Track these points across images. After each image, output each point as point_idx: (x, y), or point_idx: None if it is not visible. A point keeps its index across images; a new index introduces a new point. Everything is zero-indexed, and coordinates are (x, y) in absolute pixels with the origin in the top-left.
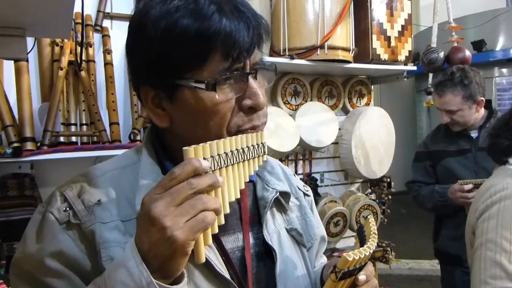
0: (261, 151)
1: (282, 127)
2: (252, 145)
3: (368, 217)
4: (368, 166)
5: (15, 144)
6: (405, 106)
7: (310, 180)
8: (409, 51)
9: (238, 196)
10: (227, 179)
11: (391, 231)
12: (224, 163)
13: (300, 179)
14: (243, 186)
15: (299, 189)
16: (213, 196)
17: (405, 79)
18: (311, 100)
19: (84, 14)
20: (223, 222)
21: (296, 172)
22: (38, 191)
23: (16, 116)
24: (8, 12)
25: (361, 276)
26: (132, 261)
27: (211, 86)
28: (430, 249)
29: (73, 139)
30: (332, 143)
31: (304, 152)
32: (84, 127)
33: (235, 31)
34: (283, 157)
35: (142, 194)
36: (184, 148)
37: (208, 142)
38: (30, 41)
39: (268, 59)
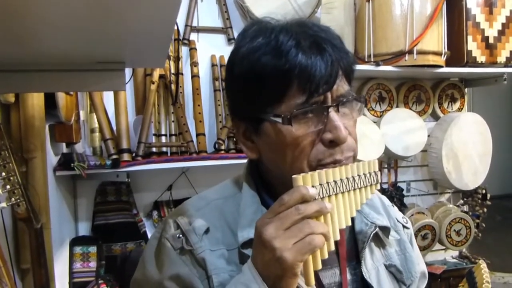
0: (373, 180)
1: (365, 135)
2: (363, 174)
3: (480, 262)
4: (460, 177)
5: (114, 156)
6: (504, 111)
7: (395, 190)
8: (511, 52)
9: (350, 224)
10: (337, 206)
11: (484, 240)
12: (333, 190)
13: (385, 188)
14: (354, 214)
15: (398, 221)
16: (322, 221)
17: (505, 81)
18: (397, 106)
19: (174, 29)
20: (333, 248)
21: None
22: (133, 197)
23: (114, 128)
24: (110, 48)
25: None
26: (253, 281)
27: (287, 120)
28: None
29: (164, 149)
30: (420, 151)
31: (389, 161)
32: (173, 138)
33: (311, 65)
34: None
35: (244, 224)
36: (293, 176)
37: (317, 171)
38: (127, 70)
39: None
